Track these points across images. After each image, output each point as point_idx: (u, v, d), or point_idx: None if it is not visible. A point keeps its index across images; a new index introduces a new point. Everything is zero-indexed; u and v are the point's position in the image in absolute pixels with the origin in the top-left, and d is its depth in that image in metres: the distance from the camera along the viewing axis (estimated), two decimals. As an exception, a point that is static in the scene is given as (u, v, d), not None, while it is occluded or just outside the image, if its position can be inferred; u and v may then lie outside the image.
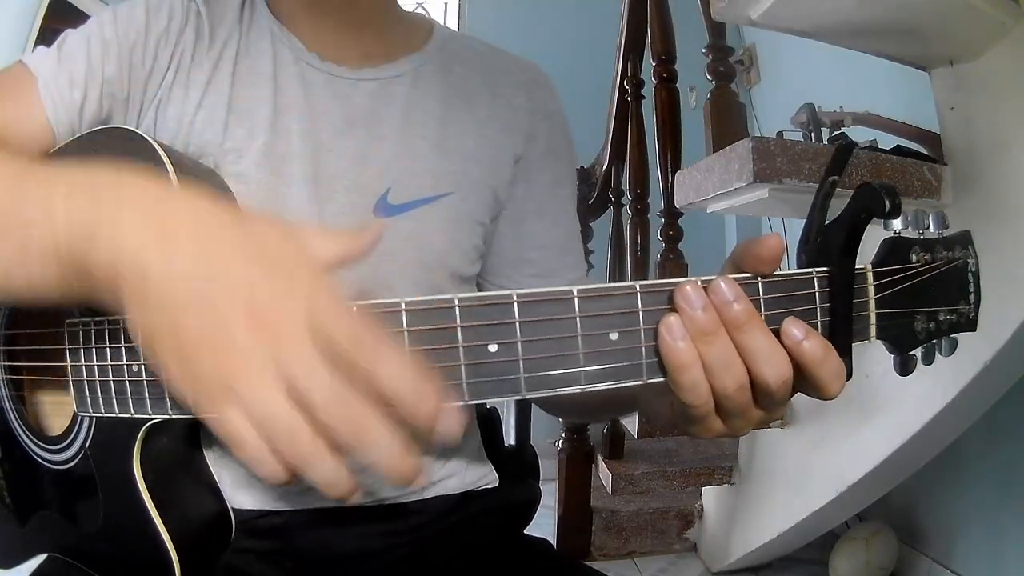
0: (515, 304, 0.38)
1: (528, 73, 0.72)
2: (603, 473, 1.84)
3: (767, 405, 0.41)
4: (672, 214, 1.66)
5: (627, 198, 1.96)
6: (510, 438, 0.90)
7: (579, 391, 0.38)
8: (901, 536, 1.72)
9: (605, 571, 0.68)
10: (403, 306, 0.38)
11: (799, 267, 0.41)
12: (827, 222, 0.41)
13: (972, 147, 1.12)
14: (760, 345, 0.38)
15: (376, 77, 0.64)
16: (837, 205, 0.41)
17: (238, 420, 0.33)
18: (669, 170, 1.63)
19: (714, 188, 1.18)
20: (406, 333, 0.38)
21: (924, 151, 1.22)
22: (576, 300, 0.38)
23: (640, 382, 0.39)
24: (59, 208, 0.37)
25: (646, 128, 1.91)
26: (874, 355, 0.42)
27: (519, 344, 0.38)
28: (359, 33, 0.65)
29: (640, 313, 0.39)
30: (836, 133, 1.37)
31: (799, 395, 0.41)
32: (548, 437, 2.02)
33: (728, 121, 1.46)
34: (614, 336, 0.39)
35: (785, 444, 1.61)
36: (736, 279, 0.39)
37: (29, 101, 0.56)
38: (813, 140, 1.48)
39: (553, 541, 1.88)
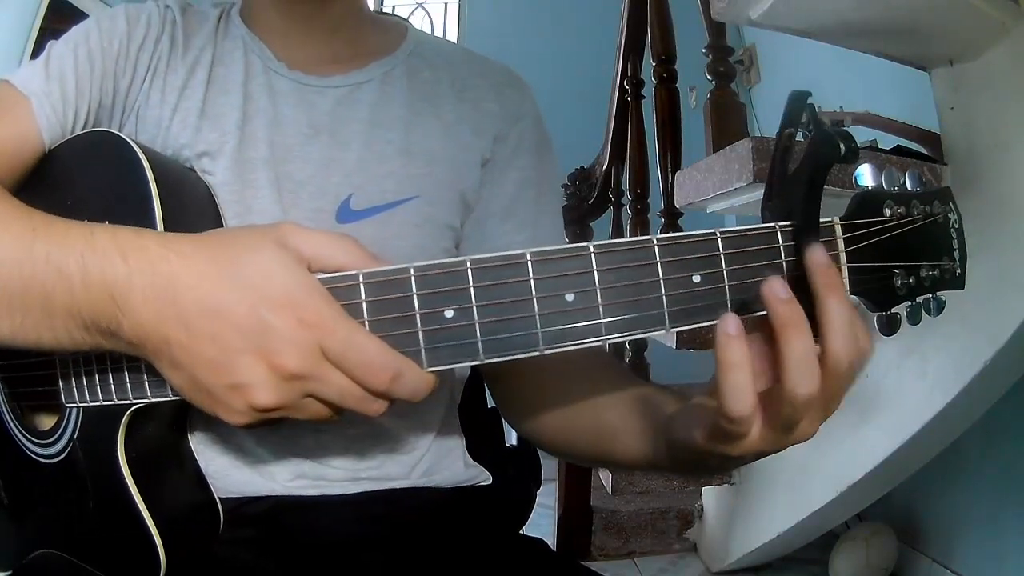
0: (468, 270, 0.39)
1: (499, 76, 0.71)
2: (603, 473, 1.84)
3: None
4: (672, 214, 1.66)
5: (627, 198, 1.96)
6: (511, 438, 0.90)
7: (537, 354, 0.39)
8: (901, 536, 1.72)
9: (605, 571, 0.68)
10: (361, 278, 0.39)
11: (764, 223, 0.41)
12: (787, 176, 0.40)
13: (972, 147, 1.12)
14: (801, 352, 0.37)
15: (344, 84, 0.65)
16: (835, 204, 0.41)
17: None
18: (669, 170, 1.63)
19: (714, 188, 1.18)
20: (364, 304, 0.39)
21: (924, 151, 1.22)
22: (529, 263, 0.39)
23: (600, 340, 0.39)
24: (76, 281, 0.40)
25: (646, 128, 1.91)
26: (874, 355, 0.42)
27: (474, 308, 0.39)
28: (329, 39, 0.66)
29: (595, 273, 0.39)
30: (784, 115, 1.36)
31: None
32: (548, 437, 2.01)
33: (728, 121, 1.47)
34: (570, 297, 0.39)
35: (785, 444, 1.61)
36: (696, 234, 0.39)
37: (23, 122, 0.57)
38: (813, 140, 1.48)
39: (553, 541, 1.88)
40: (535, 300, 0.39)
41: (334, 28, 0.66)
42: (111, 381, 0.48)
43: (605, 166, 2.11)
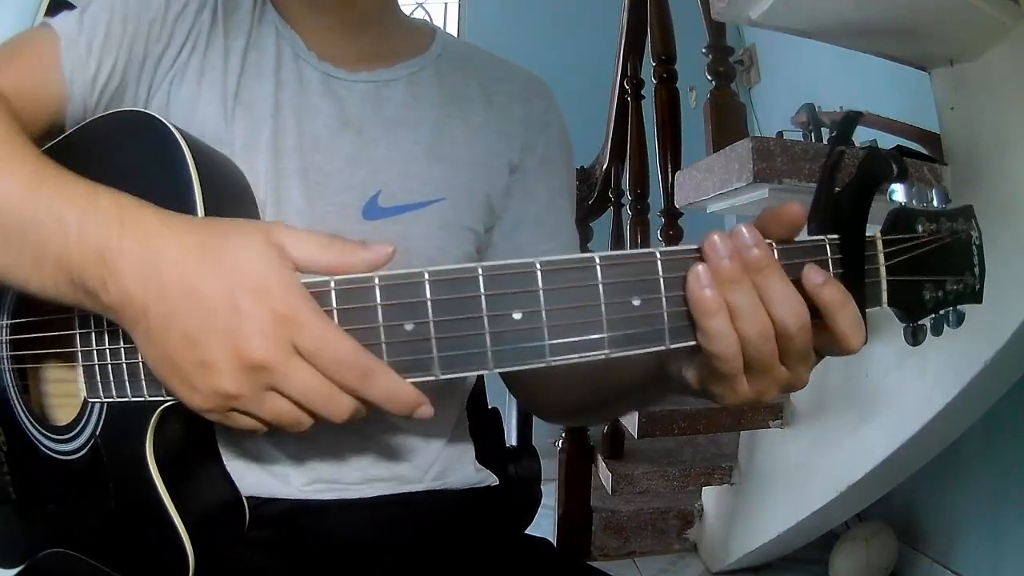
0: (538, 272, 0.39)
1: (526, 83, 0.71)
2: (603, 473, 1.84)
3: (790, 359, 0.41)
4: (672, 214, 1.66)
5: (627, 198, 1.96)
6: (511, 439, 0.90)
7: (603, 357, 0.39)
8: (901, 536, 1.72)
9: (605, 571, 0.68)
10: (426, 276, 0.39)
11: (810, 235, 0.42)
12: (836, 191, 0.43)
13: (972, 147, 1.12)
14: (778, 289, 0.40)
15: (371, 80, 0.65)
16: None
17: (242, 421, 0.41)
18: (669, 170, 1.63)
19: (714, 188, 1.18)
20: (430, 303, 0.39)
21: (924, 151, 1.22)
22: (599, 267, 0.39)
23: (663, 347, 0.40)
24: (72, 234, 0.41)
25: (646, 128, 1.91)
26: (874, 355, 0.42)
27: (543, 312, 0.39)
28: (356, 34, 0.66)
29: (661, 280, 0.40)
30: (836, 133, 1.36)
31: (799, 394, 0.42)
32: (548, 437, 2.02)
33: (728, 121, 1.47)
34: (636, 302, 0.39)
35: (785, 444, 1.61)
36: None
37: (49, 59, 0.57)
38: (813, 140, 1.49)
39: (553, 541, 1.87)
40: (603, 305, 0.39)
41: (361, 25, 0.66)
42: (142, 376, 0.46)
43: (605, 166, 2.11)
